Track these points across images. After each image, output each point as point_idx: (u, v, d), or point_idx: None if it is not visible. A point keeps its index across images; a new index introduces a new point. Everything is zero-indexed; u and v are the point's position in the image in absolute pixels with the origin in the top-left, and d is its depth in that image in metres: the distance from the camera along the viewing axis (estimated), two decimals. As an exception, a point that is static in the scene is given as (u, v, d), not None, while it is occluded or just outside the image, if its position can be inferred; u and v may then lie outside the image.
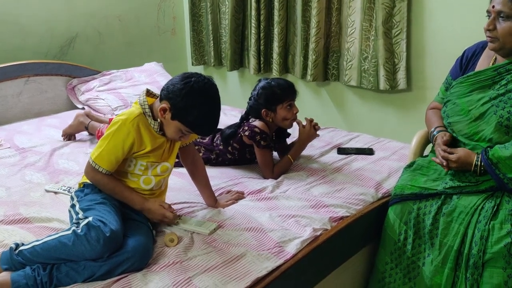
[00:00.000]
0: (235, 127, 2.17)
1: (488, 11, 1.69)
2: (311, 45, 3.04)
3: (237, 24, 3.51)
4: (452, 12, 2.57)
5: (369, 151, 2.32)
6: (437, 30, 2.66)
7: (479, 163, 1.67)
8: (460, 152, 1.72)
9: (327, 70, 3.14)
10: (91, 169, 1.59)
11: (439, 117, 1.92)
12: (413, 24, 2.74)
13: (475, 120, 1.75)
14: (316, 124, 2.14)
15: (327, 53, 3.11)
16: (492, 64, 1.77)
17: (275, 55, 3.30)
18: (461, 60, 1.90)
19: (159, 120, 1.60)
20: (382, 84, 2.82)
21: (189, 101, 1.53)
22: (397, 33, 2.74)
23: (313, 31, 3.01)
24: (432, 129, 1.89)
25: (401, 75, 2.78)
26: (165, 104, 1.56)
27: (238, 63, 3.63)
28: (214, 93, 1.59)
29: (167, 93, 1.56)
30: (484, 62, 1.81)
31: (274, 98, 2.07)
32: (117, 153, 1.56)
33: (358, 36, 2.89)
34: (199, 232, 1.61)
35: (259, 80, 2.16)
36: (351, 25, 2.91)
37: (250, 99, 2.15)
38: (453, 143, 1.80)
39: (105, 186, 1.59)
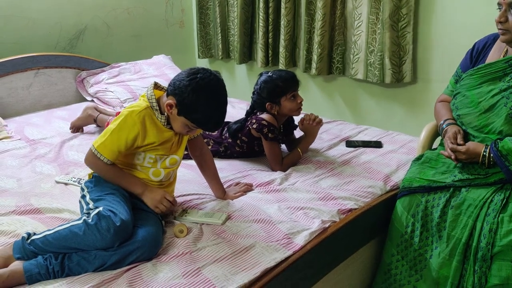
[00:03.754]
0: (241, 122, 2.18)
1: (499, 3, 1.68)
2: (317, 38, 3.02)
3: (247, 17, 3.50)
4: (461, 4, 2.55)
5: (377, 144, 2.32)
6: (445, 22, 2.63)
7: (487, 154, 1.66)
8: (469, 143, 1.72)
9: (332, 63, 3.12)
10: (92, 156, 1.60)
11: (448, 110, 1.92)
12: (421, 16, 2.71)
13: (484, 112, 1.74)
14: (310, 118, 2.11)
15: (331, 46, 3.09)
16: (503, 56, 1.76)
17: (281, 48, 3.28)
18: (472, 53, 1.89)
19: (166, 114, 1.60)
20: (388, 77, 2.80)
21: (195, 97, 1.53)
22: (403, 25, 2.71)
23: (318, 24, 2.99)
24: (441, 121, 1.88)
25: (407, 68, 2.77)
26: (171, 100, 1.56)
27: (247, 56, 3.62)
28: (220, 89, 1.58)
29: (174, 88, 1.56)
30: (495, 54, 1.80)
31: (277, 91, 2.07)
32: (120, 144, 1.56)
33: (365, 29, 2.87)
34: (212, 223, 1.62)
35: (260, 74, 2.16)
36: (357, 18, 2.89)
37: (253, 93, 2.16)
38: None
39: (105, 173, 1.61)
